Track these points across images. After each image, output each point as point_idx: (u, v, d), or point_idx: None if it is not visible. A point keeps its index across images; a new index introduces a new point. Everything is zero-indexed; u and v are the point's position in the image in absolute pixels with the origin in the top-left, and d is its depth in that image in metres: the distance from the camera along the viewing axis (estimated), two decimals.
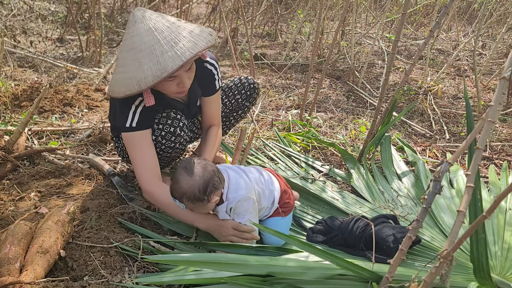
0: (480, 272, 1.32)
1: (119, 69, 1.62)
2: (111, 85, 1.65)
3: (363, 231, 1.59)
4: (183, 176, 1.49)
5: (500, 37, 4.18)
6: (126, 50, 1.58)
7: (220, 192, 1.55)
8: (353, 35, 4.26)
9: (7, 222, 1.61)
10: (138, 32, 1.56)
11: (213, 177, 1.51)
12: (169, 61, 1.53)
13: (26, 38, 4.44)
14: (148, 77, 1.53)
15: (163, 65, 1.52)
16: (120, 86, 1.59)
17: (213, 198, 1.52)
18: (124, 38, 1.61)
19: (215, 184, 1.51)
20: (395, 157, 2.42)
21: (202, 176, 1.49)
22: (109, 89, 1.67)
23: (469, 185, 0.96)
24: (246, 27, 3.52)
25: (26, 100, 2.86)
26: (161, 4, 5.46)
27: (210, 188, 1.49)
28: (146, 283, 1.40)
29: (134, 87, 1.55)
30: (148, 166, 1.72)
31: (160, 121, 1.75)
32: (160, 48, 1.54)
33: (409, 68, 2.21)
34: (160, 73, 1.52)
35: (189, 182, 1.48)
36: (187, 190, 1.48)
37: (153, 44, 1.54)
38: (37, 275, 1.31)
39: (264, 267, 1.32)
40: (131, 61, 1.56)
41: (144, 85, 1.54)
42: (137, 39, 1.55)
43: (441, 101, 3.72)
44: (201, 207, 1.54)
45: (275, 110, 3.28)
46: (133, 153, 1.73)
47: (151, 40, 1.54)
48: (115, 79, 1.64)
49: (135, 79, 1.55)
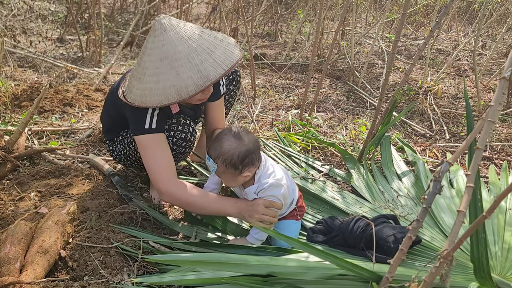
0: (480, 272, 1.32)
1: (149, 78, 1.57)
2: (140, 95, 1.59)
3: (363, 231, 1.59)
4: (228, 137, 1.49)
5: (500, 37, 4.18)
6: (158, 59, 1.54)
7: (254, 170, 1.53)
8: (353, 35, 4.27)
9: (7, 222, 1.61)
10: (169, 40, 1.54)
11: (256, 152, 1.50)
12: (211, 69, 1.53)
13: (26, 38, 4.44)
14: (190, 86, 1.52)
15: (205, 73, 1.52)
16: (154, 95, 1.55)
17: (246, 171, 1.50)
18: (151, 47, 1.57)
19: (254, 159, 1.50)
20: (395, 157, 2.42)
21: (246, 145, 1.48)
22: (138, 99, 1.59)
23: (469, 185, 0.96)
24: (246, 27, 3.52)
25: (26, 100, 2.86)
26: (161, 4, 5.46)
27: (249, 159, 1.48)
28: (146, 283, 1.40)
29: (173, 96, 1.53)
30: (167, 166, 1.66)
31: (171, 128, 1.74)
32: (198, 57, 1.53)
33: (409, 68, 2.21)
34: (202, 82, 1.52)
35: (232, 145, 1.48)
36: (227, 152, 1.47)
37: (190, 53, 1.53)
38: (37, 275, 1.31)
39: (264, 267, 1.32)
40: (167, 70, 1.53)
41: (185, 94, 1.53)
42: (170, 47, 1.53)
43: (441, 101, 3.72)
44: (230, 177, 1.53)
45: (275, 110, 3.28)
46: (151, 154, 1.67)
47: (186, 49, 1.53)
48: (145, 88, 1.58)
49: (174, 88, 1.53)
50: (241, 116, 3.11)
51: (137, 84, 1.60)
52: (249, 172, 1.52)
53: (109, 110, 1.92)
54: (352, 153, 2.54)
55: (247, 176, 1.53)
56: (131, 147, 1.88)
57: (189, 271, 1.42)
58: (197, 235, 1.70)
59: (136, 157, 1.91)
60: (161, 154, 1.67)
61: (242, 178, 1.53)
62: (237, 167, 1.49)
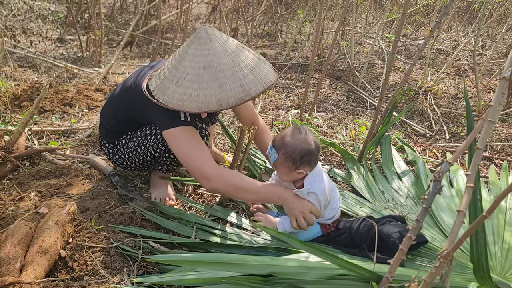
0: (480, 272, 1.32)
1: (190, 84, 1.60)
2: (178, 99, 1.60)
3: (369, 229, 1.60)
4: (296, 133, 1.62)
5: (500, 37, 4.18)
6: (201, 67, 1.59)
7: (306, 172, 1.63)
8: (353, 35, 4.27)
9: (7, 222, 1.61)
10: (215, 51, 1.60)
11: (315, 154, 1.61)
12: (252, 85, 1.60)
13: (26, 38, 4.44)
14: (231, 98, 1.59)
15: (247, 88, 1.59)
16: (193, 102, 1.59)
17: (300, 169, 1.60)
18: (195, 54, 1.61)
19: (311, 160, 1.61)
20: (395, 157, 2.42)
21: (309, 144, 1.60)
22: (174, 103, 1.61)
23: (469, 185, 0.96)
24: (246, 27, 3.52)
25: (26, 100, 2.86)
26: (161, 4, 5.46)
27: (307, 158, 1.59)
28: (146, 283, 1.40)
29: (213, 105, 1.59)
30: (206, 153, 1.68)
31: None
32: (241, 72, 1.61)
33: (409, 68, 2.21)
34: (244, 96, 1.59)
35: (297, 141, 1.59)
36: (291, 145, 1.58)
37: (234, 66, 1.60)
38: (37, 275, 1.31)
39: (265, 267, 1.32)
40: (210, 79, 1.58)
41: (226, 105, 1.59)
42: (214, 58, 1.59)
43: (441, 101, 3.72)
44: (286, 170, 1.62)
45: (275, 110, 3.28)
46: (190, 144, 1.68)
47: (230, 61, 1.60)
48: (184, 93, 1.60)
49: (215, 98, 1.58)
50: None
51: (173, 87, 1.63)
52: (304, 170, 1.62)
53: (115, 112, 1.89)
54: (352, 153, 2.54)
55: (300, 174, 1.62)
56: (139, 150, 1.87)
57: (189, 271, 1.42)
58: (196, 235, 1.70)
59: (144, 160, 1.91)
60: (200, 143, 1.70)
61: (295, 174, 1.63)
62: (295, 162, 1.59)
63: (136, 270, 1.49)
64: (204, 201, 2.02)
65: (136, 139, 1.87)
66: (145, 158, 1.89)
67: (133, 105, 1.79)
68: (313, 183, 1.63)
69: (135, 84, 1.78)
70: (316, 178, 1.65)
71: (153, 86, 1.69)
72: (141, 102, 1.72)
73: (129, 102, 1.81)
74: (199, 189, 2.06)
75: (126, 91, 1.84)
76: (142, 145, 1.85)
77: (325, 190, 1.63)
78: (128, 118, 1.87)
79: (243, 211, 1.91)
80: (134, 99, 1.77)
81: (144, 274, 1.50)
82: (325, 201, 1.63)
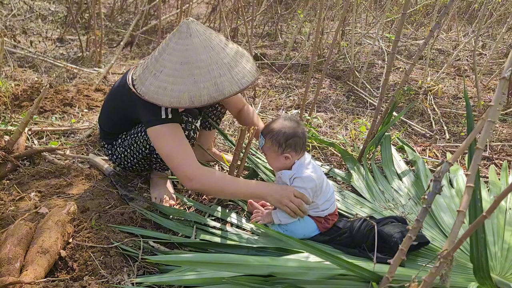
0: (480, 272, 1.32)
1: (166, 77, 1.59)
2: (153, 91, 1.59)
3: (371, 229, 1.60)
4: (282, 119, 1.67)
5: (500, 37, 4.18)
6: (179, 62, 1.58)
7: (294, 158, 1.66)
8: (353, 35, 4.26)
9: (7, 222, 1.61)
10: (194, 47, 1.57)
11: (300, 138, 1.65)
12: (227, 84, 1.58)
13: (26, 38, 4.44)
14: (204, 96, 1.57)
15: (221, 87, 1.57)
16: (167, 96, 1.58)
17: (286, 153, 1.64)
18: (174, 48, 1.59)
19: (297, 145, 1.64)
20: (395, 157, 2.42)
21: (294, 129, 1.64)
22: (149, 95, 1.60)
23: (469, 185, 0.96)
24: (246, 27, 3.52)
25: (26, 100, 2.86)
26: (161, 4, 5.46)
27: (292, 141, 1.63)
28: (146, 284, 1.40)
29: (185, 101, 1.57)
30: (191, 153, 1.66)
31: None
32: (217, 70, 1.58)
33: (409, 68, 2.21)
34: (217, 95, 1.58)
35: (282, 125, 1.64)
36: (277, 129, 1.64)
37: (210, 64, 1.58)
38: (37, 275, 1.31)
39: (265, 267, 1.32)
40: (185, 74, 1.57)
41: (198, 102, 1.57)
42: (192, 53, 1.57)
43: (441, 101, 3.72)
44: (273, 155, 1.67)
45: (275, 110, 3.28)
46: (171, 142, 1.65)
47: (208, 58, 1.58)
48: (159, 86, 1.59)
49: (188, 94, 1.56)
50: None
51: (151, 79, 1.62)
52: (290, 155, 1.65)
53: (110, 113, 1.91)
54: (352, 153, 2.54)
55: (287, 158, 1.66)
56: (132, 148, 1.88)
57: (189, 271, 1.42)
58: (196, 235, 1.70)
59: (138, 158, 1.91)
60: (182, 141, 1.67)
61: (282, 159, 1.66)
62: (280, 145, 1.63)
63: (136, 270, 1.49)
64: (204, 201, 2.02)
65: (130, 138, 1.88)
66: (138, 156, 1.89)
67: (122, 103, 1.79)
68: (300, 169, 1.66)
69: (123, 81, 1.80)
70: (303, 166, 1.67)
71: (136, 75, 1.70)
72: (129, 98, 1.72)
73: (119, 101, 1.82)
74: None
75: (115, 90, 1.86)
76: (134, 143, 1.86)
77: (311, 176, 1.64)
78: (121, 118, 1.87)
79: (243, 211, 1.91)
80: (122, 97, 1.78)
81: (144, 274, 1.50)
82: (314, 186, 1.64)
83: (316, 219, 1.71)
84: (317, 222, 1.71)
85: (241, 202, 1.95)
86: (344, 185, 2.23)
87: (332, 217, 1.74)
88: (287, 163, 1.68)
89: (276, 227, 1.72)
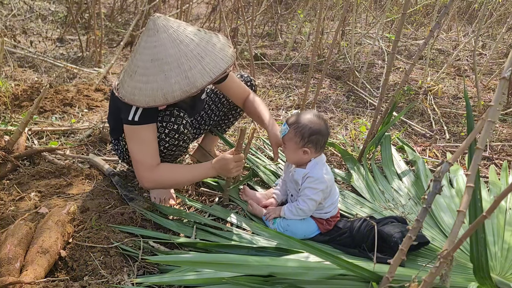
0: (480, 272, 1.32)
1: (140, 77, 1.58)
2: (130, 93, 1.61)
3: (371, 229, 1.60)
4: (310, 114, 1.67)
5: (500, 37, 4.18)
6: (149, 60, 1.56)
7: (312, 155, 1.67)
8: (353, 35, 4.26)
9: (7, 222, 1.61)
10: (161, 42, 1.55)
11: (323, 139, 1.66)
12: (198, 76, 1.55)
13: (26, 38, 4.44)
14: (176, 91, 1.55)
15: (192, 80, 1.55)
16: (142, 96, 1.58)
17: (306, 148, 1.65)
18: (144, 46, 1.58)
19: (318, 143, 1.65)
20: (395, 157, 2.42)
21: (320, 126, 1.65)
22: (128, 97, 1.61)
23: (469, 185, 0.96)
24: (246, 27, 3.52)
25: (26, 100, 2.86)
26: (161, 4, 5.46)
27: (315, 138, 1.64)
28: (146, 284, 1.40)
29: (159, 99, 1.56)
30: (146, 154, 1.71)
31: (164, 119, 1.75)
32: (187, 63, 1.55)
33: (409, 68, 2.21)
34: (189, 88, 1.55)
35: (310, 120, 1.65)
36: (303, 122, 1.64)
37: (180, 58, 1.55)
38: (37, 275, 1.31)
39: (265, 268, 1.32)
40: (156, 72, 1.55)
41: (171, 98, 1.55)
42: (161, 49, 1.55)
43: (441, 101, 3.72)
44: (293, 146, 1.67)
45: (275, 110, 3.28)
46: (133, 145, 1.72)
47: (176, 53, 1.55)
48: (135, 87, 1.60)
49: (161, 92, 1.55)
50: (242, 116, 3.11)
51: (128, 81, 1.62)
52: (309, 150, 1.65)
53: (111, 109, 1.93)
54: (352, 153, 2.54)
55: (305, 153, 1.66)
56: None
57: (189, 271, 1.42)
58: (196, 235, 1.70)
59: None
60: (141, 144, 1.71)
61: (301, 153, 1.66)
62: (303, 138, 1.64)
63: (136, 270, 1.49)
64: (204, 201, 2.02)
65: None
66: None
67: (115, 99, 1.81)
68: (314, 168, 1.67)
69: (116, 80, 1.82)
70: (318, 165, 1.68)
71: (119, 80, 1.70)
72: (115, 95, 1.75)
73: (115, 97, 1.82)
74: (199, 189, 2.06)
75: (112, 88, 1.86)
76: None
77: (324, 177, 1.65)
78: (119, 114, 1.88)
79: (243, 211, 1.91)
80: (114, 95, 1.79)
81: (144, 274, 1.50)
82: (325, 188, 1.65)
83: (318, 220, 1.72)
84: (318, 223, 1.71)
85: (241, 202, 1.95)
86: (344, 185, 2.23)
87: (334, 219, 1.74)
88: (304, 158, 1.68)
89: (277, 227, 1.72)
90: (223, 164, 1.71)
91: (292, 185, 1.76)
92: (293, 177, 1.72)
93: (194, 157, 2.32)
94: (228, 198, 1.96)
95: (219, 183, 2.07)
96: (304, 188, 1.67)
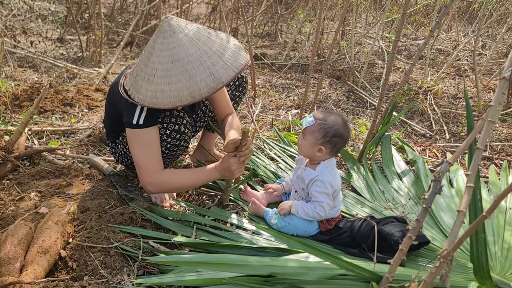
0: (480, 272, 1.32)
1: (160, 80, 1.58)
2: (151, 96, 1.59)
3: (371, 228, 1.61)
4: (339, 116, 1.69)
5: (500, 37, 4.18)
6: (169, 62, 1.57)
7: (325, 156, 1.69)
8: (353, 35, 4.26)
9: (7, 222, 1.61)
10: (180, 43, 1.56)
11: (342, 144, 1.68)
12: (222, 72, 1.57)
13: (26, 38, 4.44)
14: (203, 89, 1.56)
15: (217, 76, 1.57)
16: (166, 97, 1.58)
17: (323, 147, 1.66)
18: (160, 48, 1.58)
19: (337, 145, 1.67)
20: (395, 156, 2.42)
21: (344, 130, 1.66)
22: (148, 101, 1.60)
23: (469, 185, 0.96)
24: (246, 27, 3.52)
25: (26, 100, 2.86)
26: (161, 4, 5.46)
27: (336, 140, 1.65)
28: (146, 284, 1.40)
29: (186, 98, 1.57)
30: (150, 158, 1.71)
31: (164, 120, 1.75)
32: (209, 60, 1.57)
33: (409, 68, 2.21)
34: (215, 84, 1.57)
35: (337, 121, 1.66)
36: (329, 121, 1.65)
37: (201, 56, 1.57)
38: (37, 275, 1.31)
39: (265, 268, 1.32)
40: (179, 72, 1.56)
41: (199, 96, 1.57)
42: (181, 50, 1.56)
43: (441, 101, 3.72)
44: (312, 140, 1.67)
45: (275, 110, 3.28)
46: (136, 150, 1.72)
47: (197, 51, 1.57)
48: (156, 90, 1.59)
49: (187, 91, 1.56)
50: (241, 116, 3.11)
51: (146, 85, 1.61)
52: (326, 149, 1.66)
53: (108, 112, 1.92)
54: (352, 153, 2.54)
55: (320, 150, 1.67)
56: (128, 147, 1.88)
57: (190, 272, 1.42)
58: (196, 235, 1.70)
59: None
60: (146, 148, 1.71)
61: (316, 148, 1.67)
62: (324, 136, 1.64)
63: (136, 270, 1.49)
64: (204, 201, 2.01)
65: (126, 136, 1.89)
66: None
67: (115, 102, 1.81)
68: (323, 172, 1.67)
69: (115, 82, 1.81)
70: (328, 169, 1.69)
71: (128, 85, 1.69)
72: (117, 97, 1.74)
73: (113, 100, 1.82)
74: (199, 189, 2.06)
75: (110, 89, 1.87)
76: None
77: (331, 182, 1.66)
78: (118, 117, 1.88)
79: (243, 211, 1.91)
80: (114, 96, 1.79)
81: (144, 274, 1.50)
82: (332, 192, 1.66)
83: (319, 221, 1.73)
84: (319, 221, 1.73)
85: (241, 202, 1.95)
86: (344, 185, 2.23)
87: (335, 219, 1.75)
88: (317, 155, 1.68)
89: (280, 220, 1.73)
90: (226, 166, 1.71)
91: (298, 181, 1.77)
92: (301, 174, 1.73)
93: (194, 157, 2.32)
94: (229, 198, 1.96)
95: (218, 184, 2.07)
96: (314, 192, 1.68)
